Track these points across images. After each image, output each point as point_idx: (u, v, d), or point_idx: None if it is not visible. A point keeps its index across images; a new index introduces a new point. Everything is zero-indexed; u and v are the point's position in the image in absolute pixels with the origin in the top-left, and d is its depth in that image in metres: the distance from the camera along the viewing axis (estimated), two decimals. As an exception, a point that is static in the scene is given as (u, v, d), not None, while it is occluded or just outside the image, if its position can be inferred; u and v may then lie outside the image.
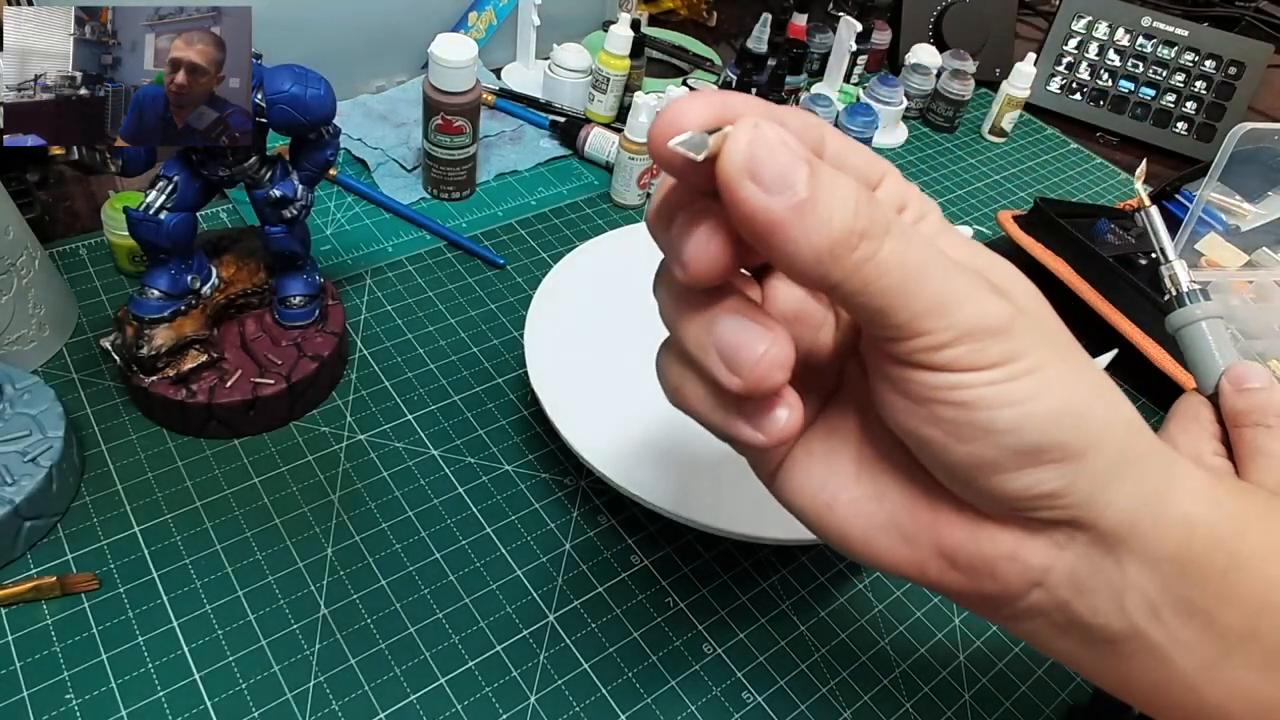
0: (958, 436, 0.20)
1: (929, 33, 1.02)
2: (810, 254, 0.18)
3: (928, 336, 0.19)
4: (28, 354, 0.53)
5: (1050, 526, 0.21)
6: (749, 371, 0.20)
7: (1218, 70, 0.98)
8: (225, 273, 0.53)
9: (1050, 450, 0.20)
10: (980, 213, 0.84)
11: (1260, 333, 0.64)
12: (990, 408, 0.20)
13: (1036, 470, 0.20)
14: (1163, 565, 0.22)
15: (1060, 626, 0.23)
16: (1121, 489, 0.21)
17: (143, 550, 0.46)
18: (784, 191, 0.18)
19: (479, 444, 0.55)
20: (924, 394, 0.20)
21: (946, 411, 0.20)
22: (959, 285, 0.19)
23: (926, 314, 0.19)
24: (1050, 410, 0.20)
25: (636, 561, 0.50)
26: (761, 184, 0.18)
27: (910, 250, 0.19)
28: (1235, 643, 0.22)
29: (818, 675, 0.47)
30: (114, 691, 0.41)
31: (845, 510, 0.24)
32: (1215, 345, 0.38)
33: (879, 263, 0.18)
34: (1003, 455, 0.20)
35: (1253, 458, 0.35)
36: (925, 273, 0.19)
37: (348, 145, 0.74)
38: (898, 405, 0.21)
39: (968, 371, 0.19)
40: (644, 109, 0.71)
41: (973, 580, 0.22)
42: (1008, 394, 0.19)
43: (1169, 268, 0.39)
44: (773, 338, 0.20)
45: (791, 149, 0.18)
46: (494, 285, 0.66)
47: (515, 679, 0.44)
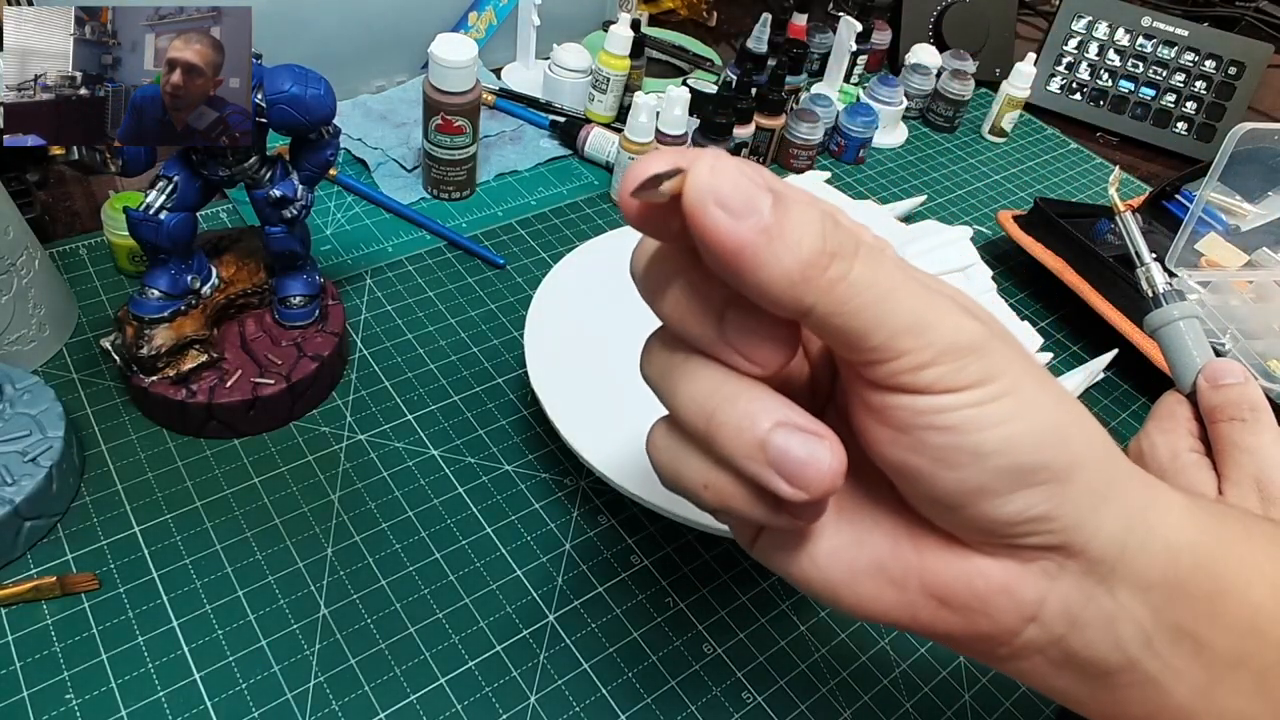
0: (946, 463, 0.20)
1: (929, 33, 1.02)
2: (782, 277, 0.18)
3: (907, 356, 0.19)
4: (28, 354, 0.53)
5: (1041, 555, 0.21)
6: (816, 486, 0.20)
7: (1218, 70, 0.98)
8: (225, 273, 0.53)
9: (1038, 471, 0.20)
10: (980, 213, 0.84)
11: (1260, 333, 0.64)
12: (977, 430, 0.19)
13: (1026, 493, 0.20)
14: (1152, 591, 0.21)
15: (1056, 663, 0.23)
16: (1108, 512, 0.21)
17: (143, 550, 0.46)
18: (750, 216, 0.18)
19: (479, 444, 0.55)
20: (909, 421, 0.20)
21: (933, 437, 0.20)
22: (931, 304, 0.19)
23: (904, 333, 0.19)
24: (1034, 430, 0.20)
25: (636, 561, 0.50)
26: (727, 209, 0.18)
27: (882, 270, 0.19)
28: (1225, 670, 0.22)
29: (818, 675, 0.47)
30: (114, 691, 0.41)
31: (827, 561, 0.23)
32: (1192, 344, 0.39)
33: (852, 282, 0.18)
34: (992, 479, 0.20)
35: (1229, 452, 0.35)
36: (899, 292, 0.19)
37: (348, 145, 0.75)
38: (882, 437, 0.21)
39: (949, 393, 0.19)
40: (644, 109, 0.71)
41: (966, 619, 0.22)
42: (992, 415, 0.19)
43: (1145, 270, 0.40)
44: (830, 445, 0.20)
45: (752, 177, 0.18)
46: (494, 285, 0.66)
47: (515, 679, 0.44)
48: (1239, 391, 0.36)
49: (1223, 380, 0.37)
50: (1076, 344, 0.71)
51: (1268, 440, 0.35)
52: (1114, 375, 0.68)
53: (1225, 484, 0.35)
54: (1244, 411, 0.36)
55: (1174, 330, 0.39)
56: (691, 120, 0.74)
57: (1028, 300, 0.73)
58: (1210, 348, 0.39)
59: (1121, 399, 0.67)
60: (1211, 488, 0.36)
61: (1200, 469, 0.36)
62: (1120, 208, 0.42)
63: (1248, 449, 0.35)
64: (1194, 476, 0.36)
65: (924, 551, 0.22)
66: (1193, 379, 0.38)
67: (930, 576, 0.22)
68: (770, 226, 0.18)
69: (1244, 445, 0.35)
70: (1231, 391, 0.36)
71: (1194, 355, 0.38)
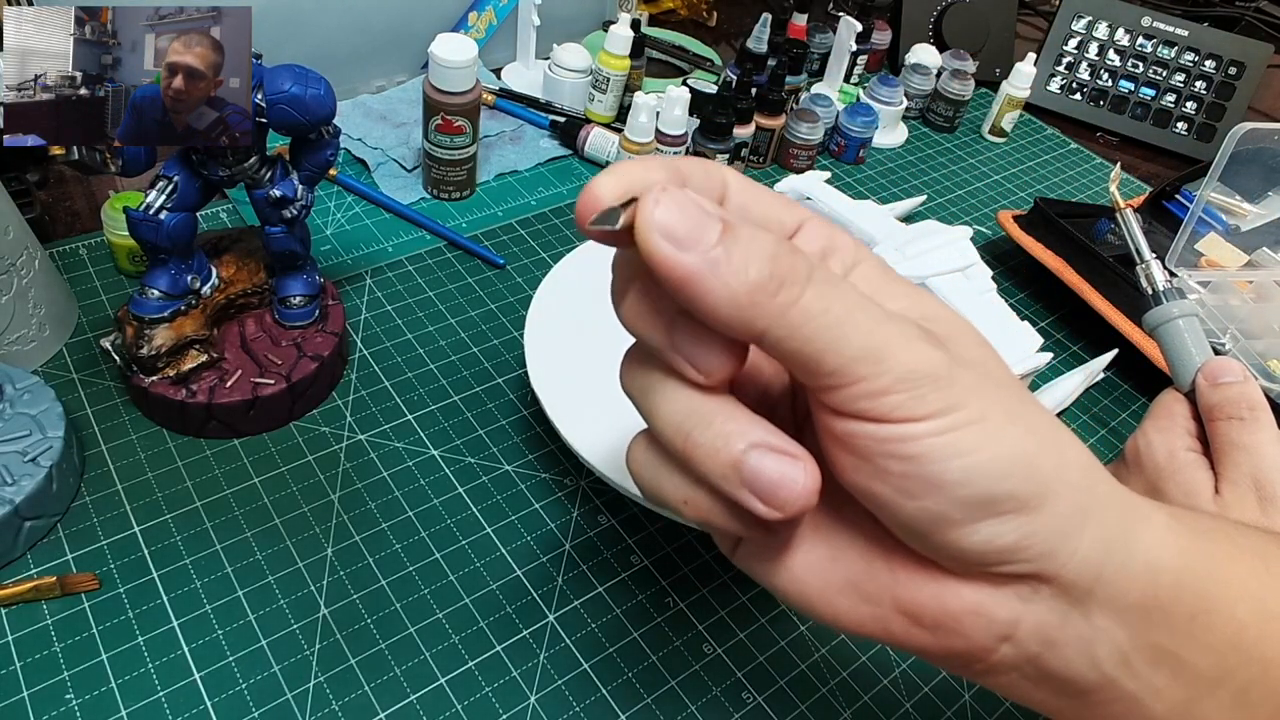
0: (907, 492, 0.20)
1: (929, 33, 1.02)
2: (728, 301, 0.19)
3: (862, 384, 0.19)
4: (28, 354, 0.53)
5: (1014, 580, 0.21)
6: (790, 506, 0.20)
7: (1218, 70, 0.98)
8: (225, 273, 0.53)
9: (1003, 501, 0.20)
10: (980, 213, 0.84)
11: (1260, 333, 0.64)
12: (938, 460, 0.19)
13: (991, 523, 0.20)
14: (1130, 613, 0.21)
15: (1033, 680, 0.23)
16: (1083, 538, 0.21)
17: (143, 550, 0.46)
18: (696, 246, 0.19)
19: (479, 444, 0.55)
20: (870, 449, 0.20)
21: (894, 465, 0.20)
22: (889, 332, 0.19)
23: (858, 360, 0.19)
24: (998, 460, 0.20)
25: (636, 561, 0.50)
26: (674, 240, 0.19)
27: (835, 296, 0.19)
28: (1205, 687, 0.22)
29: (818, 675, 0.47)
30: (114, 691, 0.41)
31: (803, 574, 0.23)
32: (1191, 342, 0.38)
33: (803, 308, 0.19)
34: (955, 509, 0.20)
35: (1227, 451, 0.35)
36: (853, 319, 0.19)
37: (348, 145, 0.75)
38: (846, 463, 0.21)
39: (908, 422, 0.19)
40: (644, 109, 0.71)
41: (939, 638, 0.22)
42: (953, 445, 0.19)
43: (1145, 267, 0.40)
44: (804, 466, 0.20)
45: (699, 206, 0.19)
46: (494, 285, 0.66)
47: (515, 679, 0.44)
48: (1238, 390, 0.36)
49: (1222, 378, 0.37)
50: (1076, 344, 0.71)
51: (1266, 439, 0.35)
52: (1114, 375, 0.68)
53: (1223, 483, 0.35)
54: (1243, 410, 0.36)
55: (1173, 328, 0.39)
56: (691, 120, 0.74)
57: (1028, 300, 0.73)
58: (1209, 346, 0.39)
59: (1121, 399, 0.67)
60: (1208, 486, 0.35)
61: (1197, 468, 0.36)
62: (1121, 205, 0.42)
63: (1246, 448, 0.35)
64: (1191, 475, 0.36)
65: (897, 570, 0.22)
66: (1191, 377, 0.38)
67: (903, 595, 0.22)
68: (717, 255, 0.19)
69: (1242, 444, 0.35)
70: (1230, 390, 0.36)
71: (1193, 353, 0.38)
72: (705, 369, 0.21)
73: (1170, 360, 0.39)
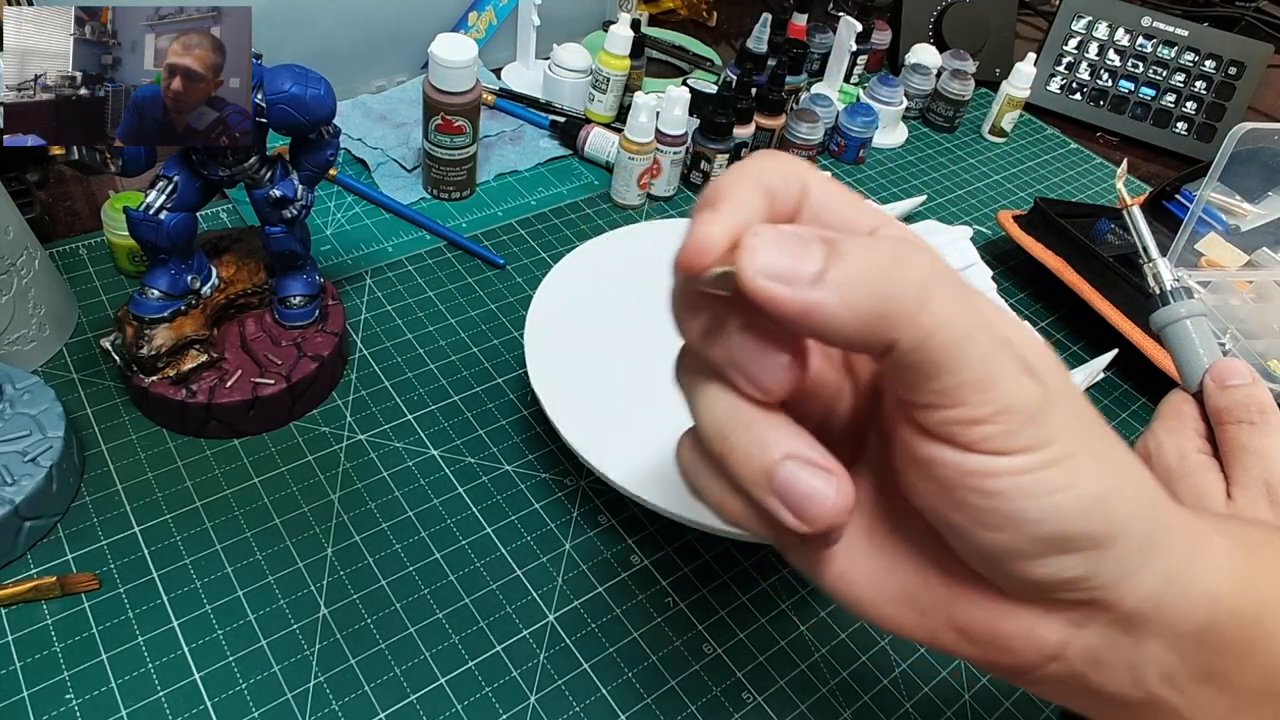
0: (984, 524, 0.20)
1: (929, 33, 1.02)
2: (852, 320, 0.18)
3: (963, 409, 0.19)
4: (28, 354, 0.53)
5: (1070, 606, 0.21)
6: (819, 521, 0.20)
7: (1218, 70, 0.98)
8: (225, 273, 0.53)
9: (1078, 540, 0.20)
10: (980, 213, 0.84)
11: (1260, 333, 0.64)
12: (1021, 498, 0.19)
13: (1063, 558, 0.20)
14: (1184, 640, 0.21)
15: (1075, 691, 0.23)
16: (1148, 571, 0.21)
17: (143, 550, 0.46)
18: (801, 277, 0.18)
19: (479, 444, 0.55)
20: (953, 479, 0.20)
21: (975, 499, 0.19)
22: (1000, 360, 0.19)
23: (967, 385, 0.19)
24: (1080, 501, 0.19)
25: (636, 561, 0.50)
26: (780, 279, 0.18)
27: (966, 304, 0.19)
28: (1250, 700, 0.22)
29: (818, 675, 0.47)
30: (114, 691, 0.41)
31: (858, 581, 0.23)
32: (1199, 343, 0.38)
33: (934, 313, 0.18)
34: (1029, 544, 0.20)
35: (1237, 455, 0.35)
36: (977, 335, 0.18)
37: (348, 145, 0.74)
38: (923, 489, 0.21)
39: (996, 455, 0.19)
40: (644, 109, 0.71)
41: (987, 653, 0.22)
42: (1039, 484, 0.19)
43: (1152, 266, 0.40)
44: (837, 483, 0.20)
45: (797, 237, 0.19)
46: (494, 285, 0.66)
47: (515, 679, 0.44)
48: (1246, 393, 0.36)
49: (1230, 381, 0.36)
50: (1076, 344, 0.71)
51: (1277, 444, 0.34)
52: (1114, 375, 0.68)
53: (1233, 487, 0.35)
54: (1252, 414, 0.35)
55: (1181, 329, 0.38)
56: (691, 120, 0.74)
57: (1028, 300, 0.73)
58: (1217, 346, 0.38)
59: (1121, 399, 0.67)
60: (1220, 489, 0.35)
61: (1208, 470, 0.36)
62: (1128, 201, 0.42)
63: (1256, 452, 0.34)
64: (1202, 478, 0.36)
65: (953, 588, 0.22)
66: (1199, 378, 0.37)
67: (957, 613, 0.22)
68: (827, 278, 0.18)
69: (1252, 448, 0.34)
70: (1239, 393, 0.36)
71: (1201, 354, 0.38)
72: (764, 387, 0.21)
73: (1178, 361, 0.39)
